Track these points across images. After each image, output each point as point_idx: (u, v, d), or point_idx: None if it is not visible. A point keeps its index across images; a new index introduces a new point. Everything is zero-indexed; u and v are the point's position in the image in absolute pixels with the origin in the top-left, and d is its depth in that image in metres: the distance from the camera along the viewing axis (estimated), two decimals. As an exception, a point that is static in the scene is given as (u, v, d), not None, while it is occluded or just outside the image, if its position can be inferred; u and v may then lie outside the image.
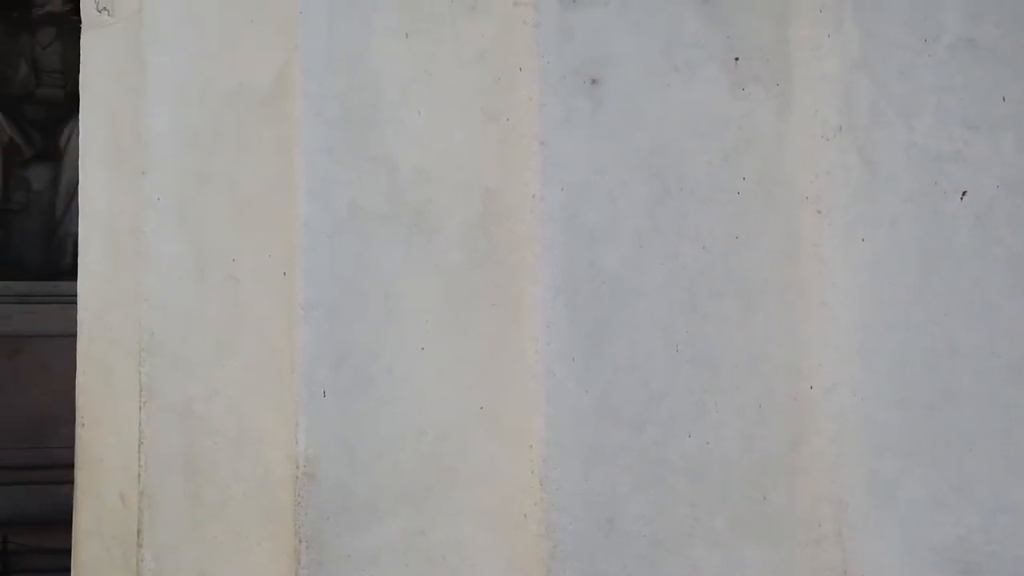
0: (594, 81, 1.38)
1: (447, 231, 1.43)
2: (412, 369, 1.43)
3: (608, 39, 1.38)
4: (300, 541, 1.40)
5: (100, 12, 1.76)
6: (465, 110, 1.43)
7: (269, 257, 1.51)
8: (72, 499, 6.24)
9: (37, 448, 7.38)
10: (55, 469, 7.40)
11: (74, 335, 6.65)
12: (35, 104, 7.91)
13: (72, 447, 6.32)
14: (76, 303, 6.64)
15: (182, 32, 1.58)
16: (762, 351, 1.35)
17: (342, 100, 1.45)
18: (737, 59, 1.37)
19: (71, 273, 7.05)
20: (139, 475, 1.58)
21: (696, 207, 1.38)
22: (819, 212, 1.34)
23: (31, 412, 7.36)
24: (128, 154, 1.74)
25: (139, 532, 1.56)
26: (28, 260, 7.77)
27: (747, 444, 1.34)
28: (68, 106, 7.93)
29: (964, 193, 1.32)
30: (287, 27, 1.49)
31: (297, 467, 1.44)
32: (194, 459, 1.56)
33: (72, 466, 6.41)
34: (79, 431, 1.78)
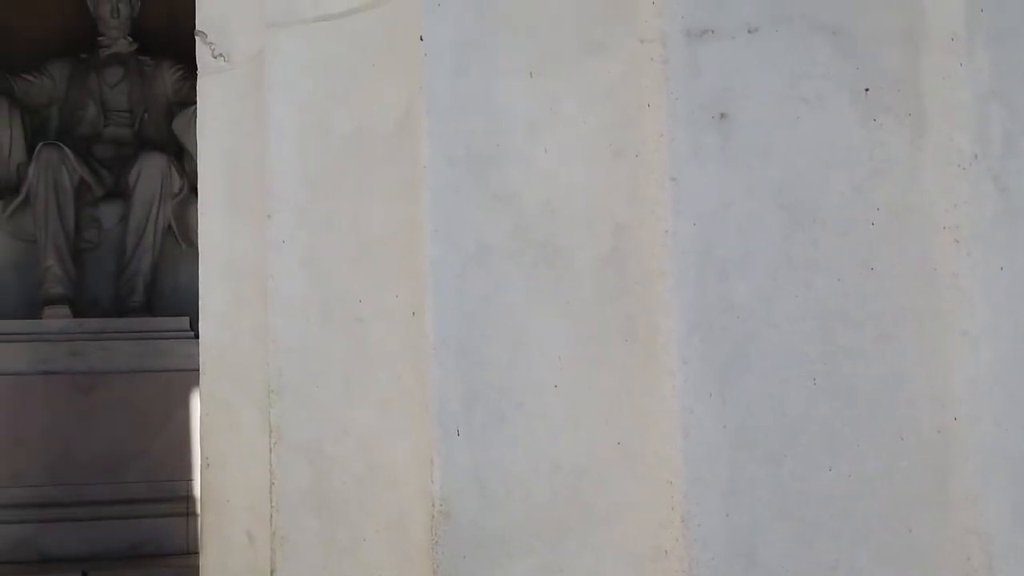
0: (723, 115, 1.38)
1: (576, 267, 1.44)
2: (544, 405, 1.44)
3: (736, 73, 1.39)
4: (437, 579, 1.41)
5: (216, 59, 1.79)
6: (592, 147, 1.44)
7: (396, 297, 1.53)
8: (150, 534, 6.30)
9: (113, 483, 7.46)
10: (132, 504, 7.50)
11: (146, 371, 6.78)
12: (103, 143, 8.05)
13: (147, 482, 6.41)
14: (148, 339, 6.74)
15: (304, 77, 1.61)
16: (901, 382, 1.35)
17: (467, 139, 1.47)
18: (867, 89, 1.37)
19: (141, 310, 7.15)
20: (271, 515, 1.60)
21: (829, 238, 1.37)
22: (956, 241, 1.33)
23: (107, 447, 7.45)
24: (247, 198, 1.77)
25: (272, 572, 1.57)
26: (101, 297, 7.88)
27: (889, 476, 1.34)
28: (135, 145, 8.06)
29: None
30: (410, 69, 1.51)
31: (433, 506, 1.44)
32: (326, 499, 1.57)
33: (148, 501, 6.50)
34: (204, 471, 1.80)
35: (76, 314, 7.52)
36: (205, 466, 1.79)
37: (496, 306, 1.46)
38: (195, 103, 7.37)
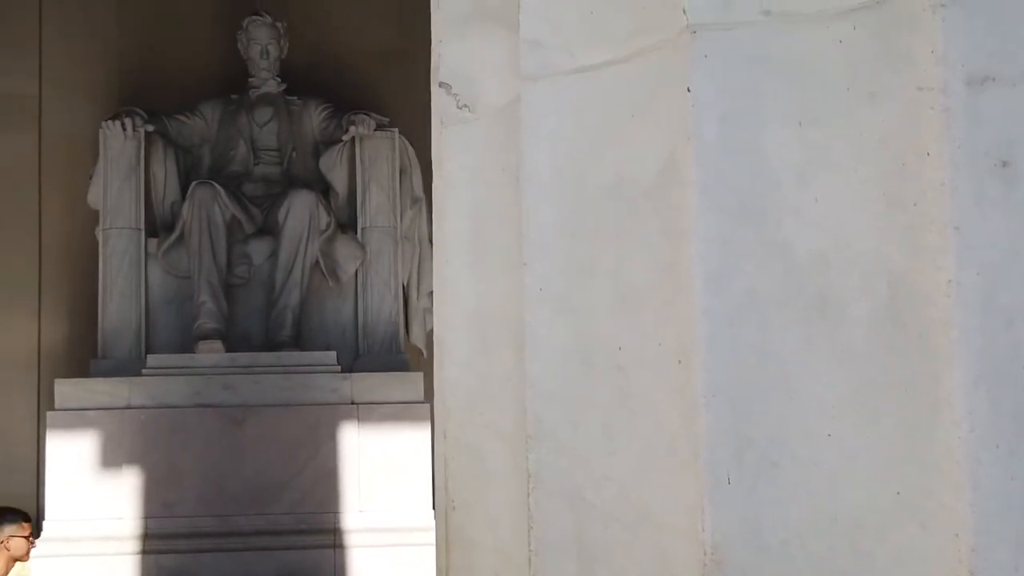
0: (1005, 163, 1.37)
1: (850, 317, 1.44)
2: (818, 455, 1.44)
3: (1018, 121, 1.37)
4: (712, 628, 1.41)
5: (460, 109, 1.83)
6: (865, 196, 1.44)
7: (659, 345, 1.54)
8: (298, 565, 6.39)
9: (262, 515, 7.60)
10: (280, 535, 7.64)
11: (295, 404, 6.91)
12: (253, 182, 8.26)
13: (295, 513, 6.51)
14: (296, 373, 6.88)
15: (560, 127, 1.64)
16: None
17: (736, 189, 1.48)
18: None
19: (290, 344, 7.28)
20: (529, 559, 1.62)
21: (1118, 287, 1.35)
22: None
23: (256, 479, 7.59)
24: (492, 245, 1.80)
25: (533, 616, 1.59)
26: (251, 331, 8.06)
27: None
28: (283, 182, 8.25)
29: None
30: (674, 119, 1.52)
31: (704, 554, 1.45)
32: (586, 545, 1.59)
33: (296, 532, 6.61)
34: (449, 513, 1.83)
35: (228, 348, 7.70)
36: (451, 508, 1.82)
37: (767, 355, 1.46)
38: (339, 141, 7.60)
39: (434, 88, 2.02)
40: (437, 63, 1.99)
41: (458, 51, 1.84)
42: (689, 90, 1.49)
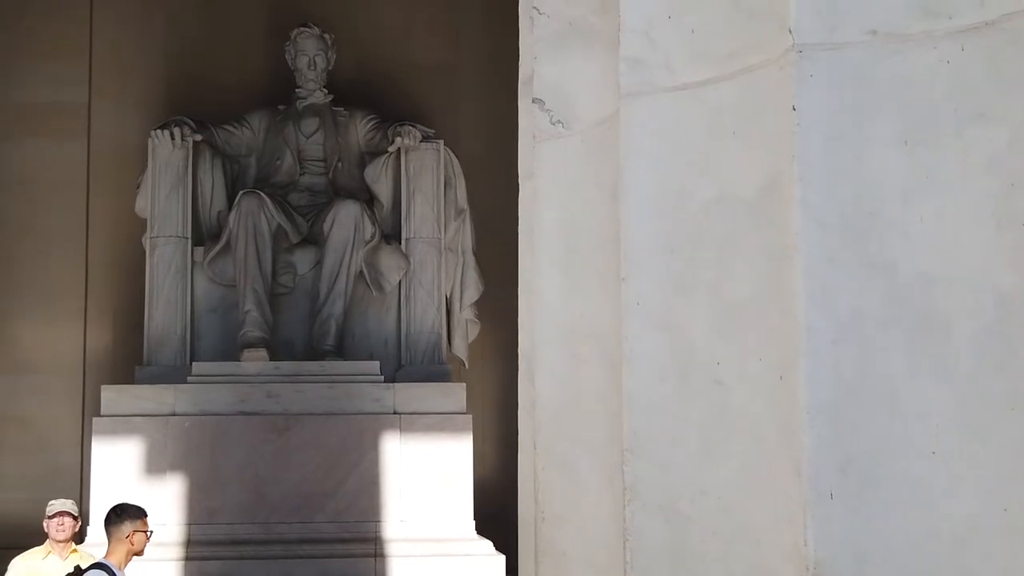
0: (1115, 185, 1.38)
1: (956, 335, 1.45)
2: (922, 472, 1.45)
3: None
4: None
5: (554, 125, 1.85)
6: (972, 215, 1.45)
7: (760, 361, 1.56)
8: (339, 573, 6.37)
9: (304, 523, 7.63)
10: (321, 543, 7.67)
11: (338, 413, 6.92)
12: (299, 191, 8.30)
13: (337, 522, 6.51)
14: (339, 382, 6.90)
15: (660, 144, 1.65)
16: None
17: (840, 208, 1.49)
18: None
19: (333, 353, 7.30)
20: (625, 571, 1.63)
21: None
22: None
23: (298, 487, 7.62)
24: (586, 260, 1.82)
25: (628, 626, 1.61)
26: (294, 340, 8.10)
27: None
28: (329, 193, 8.29)
29: None
30: (778, 138, 1.54)
31: (807, 569, 1.46)
32: (682, 556, 1.60)
33: (338, 541, 6.61)
34: (539, 524, 1.85)
35: (272, 357, 7.74)
36: (540, 519, 1.84)
37: (870, 373, 1.47)
38: (385, 152, 7.58)
39: (523, 103, 2.05)
40: (527, 79, 2.01)
41: (552, 68, 1.86)
42: (794, 109, 1.51)
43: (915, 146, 1.48)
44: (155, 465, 7.59)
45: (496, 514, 8.16)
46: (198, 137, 8.03)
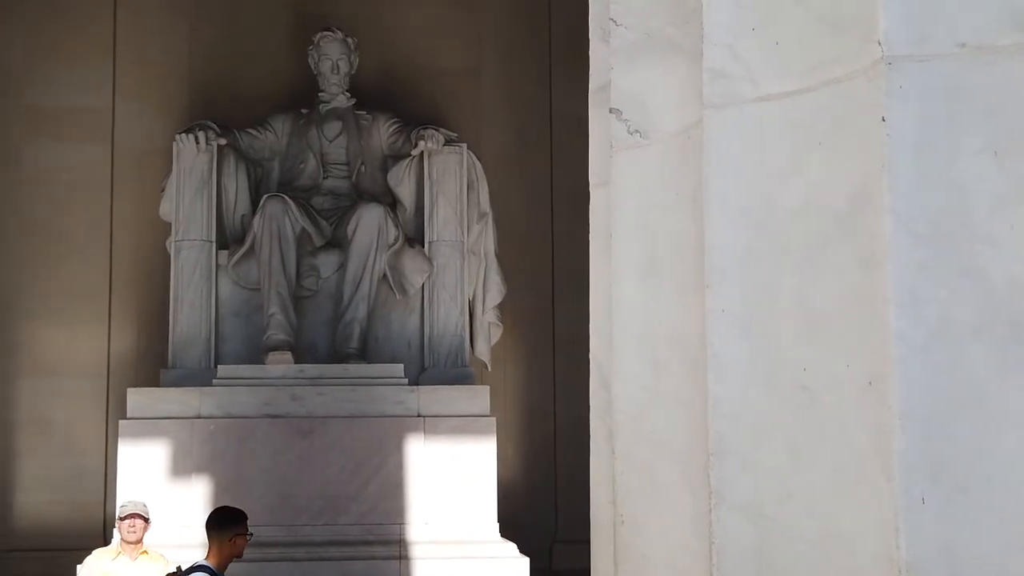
0: None
1: (1047, 342, 1.47)
2: (1015, 478, 1.47)
3: None
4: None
5: (632, 135, 1.88)
6: (1062, 224, 1.47)
7: (848, 367, 1.58)
8: (362, 574, 6.37)
9: (330, 525, 7.66)
10: (346, 546, 7.70)
11: (362, 416, 6.96)
12: (322, 195, 8.34)
13: (361, 524, 6.54)
14: (363, 385, 6.93)
15: (744, 154, 1.68)
16: None
17: (931, 216, 1.52)
18: None
19: (357, 356, 7.33)
20: (711, 573, 1.66)
21: None
22: None
23: (323, 490, 7.66)
24: (665, 268, 1.85)
25: (715, 628, 1.63)
26: (318, 343, 8.14)
27: None
28: (352, 196, 8.33)
29: None
30: (865, 149, 1.57)
31: (899, 572, 1.49)
32: (769, 559, 1.63)
33: (362, 543, 6.63)
34: (617, 528, 1.87)
35: (295, 360, 7.78)
36: (619, 523, 1.87)
37: (962, 379, 1.50)
38: (408, 155, 7.65)
39: (594, 113, 2.08)
40: (599, 89, 2.04)
41: (630, 79, 1.89)
42: (884, 120, 1.54)
43: (1005, 156, 1.50)
44: (181, 467, 7.64)
45: (519, 516, 8.20)
46: (223, 141, 8.07)
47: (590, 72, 2.09)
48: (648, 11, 1.87)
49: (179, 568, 5.19)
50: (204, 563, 5.12)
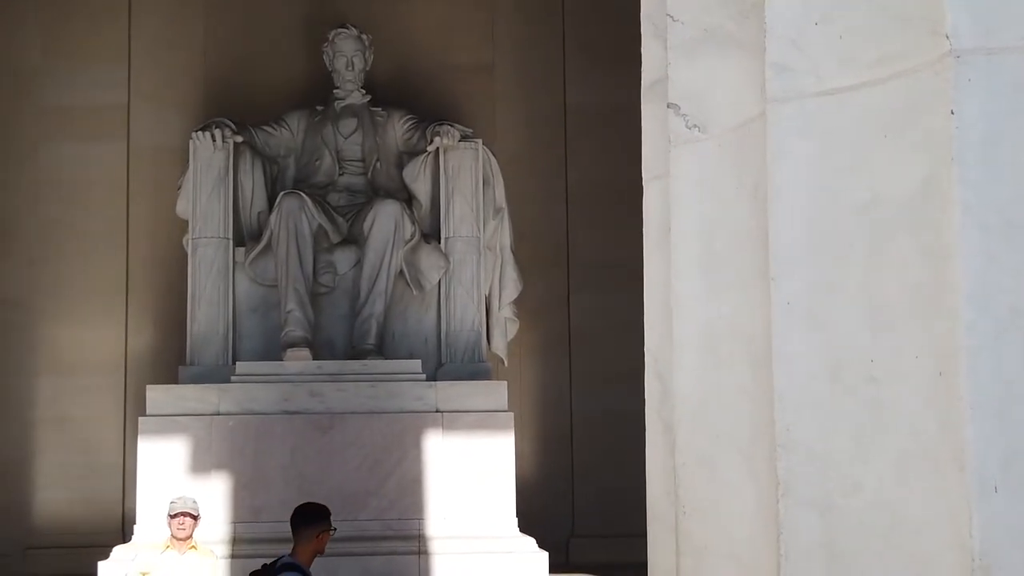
0: None
1: (1118, 332, 1.48)
2: (1086, 466, 1.48)
3: None
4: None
5: (690, 129, 1.89)
6: None
7: (916, 358, 1.59)
8: (383, 571, 6.39)
9: (349, 521, 7.67)
10: (365, 541, 7.72)
11: (380, 412, 6.97)
12: (338, 192, 8.35)
13: (380, 520, 6.52)
14: (382, 381, 6.94)
15: (807, 148, 1.69)
16: None
17: (1000, 208, 1.53)
18: None
19: (374, 352, 7.33)
20: (779, 564, 1.67)
21: None
22: None
23: (341, 485, 7.67)
24: (726, 262, 1.86)
25: (784, 618, 1.65)
26: (335, 339, 8.15)
27: None
28: (367, 192, 8.34)
29: None
30: (933, 142, 1.58)
31: (972, 560, 1.50)
32: (837, 550, 1.64)
33: (382, 539, 6.63)
34: (680, 519, 1.89)
35: (314, 356, 7.80)
36: (681, 514, 1.88)
37: (1033, 369, 1.51)
38: (423, 152, 7.67)
39: (647, 108, 2.09)
40: (652, 84, 2.05)
41: (688, 74, 1.90)
42: (952, 112, 1.55)
43: (1073, 148, 1.52)
44: (200, 464, 7.66)
45: (535, 511, 8.22)
46: (239, 138, 8.09)
47: (642, 68, 2.10)
48: (706, 6, 1.88)
49: (265, 565, 5.21)
50: (293, 560, 5.15)
